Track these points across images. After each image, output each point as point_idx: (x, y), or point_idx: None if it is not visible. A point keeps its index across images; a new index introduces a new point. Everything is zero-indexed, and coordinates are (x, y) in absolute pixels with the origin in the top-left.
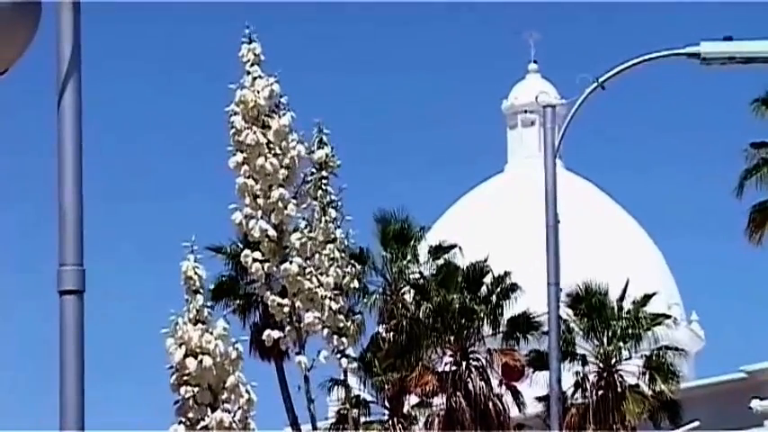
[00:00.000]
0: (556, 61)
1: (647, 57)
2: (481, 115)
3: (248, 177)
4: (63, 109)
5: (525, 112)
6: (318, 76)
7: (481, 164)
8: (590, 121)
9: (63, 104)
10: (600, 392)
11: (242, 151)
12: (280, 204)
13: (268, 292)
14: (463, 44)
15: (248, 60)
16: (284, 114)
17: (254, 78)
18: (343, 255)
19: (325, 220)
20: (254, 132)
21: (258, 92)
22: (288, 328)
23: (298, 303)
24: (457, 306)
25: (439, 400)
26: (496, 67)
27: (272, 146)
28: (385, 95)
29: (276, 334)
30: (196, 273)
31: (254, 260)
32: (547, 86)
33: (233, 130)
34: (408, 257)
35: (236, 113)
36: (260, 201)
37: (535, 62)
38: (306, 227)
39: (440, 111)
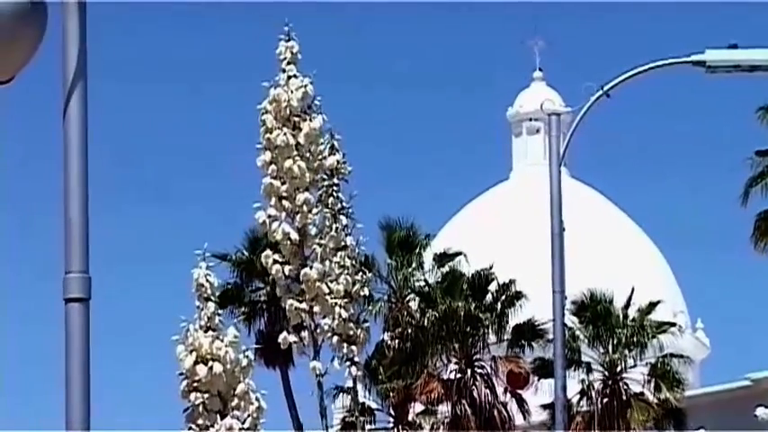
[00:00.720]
0: (561, 69)
1: (652, 65)
2: (486, 123)
3: (275, 178)
4: (69, 117)
5: (530, 119)
6: (322, 84)
7: (486, 171)
8: (595, 129)
9: (69, 113)
10: (605, 400)
11: (271, 151)
12: (304, 208)
13: (286, 296)
14: (468, 52)
15: (285, 58)
16: (315, 117)
17: (289, 77)
18: (353, 262)
19: (336, 228)
20: (285, 134)
21: (292, 92)
22: (304, 333)
23: (316, 308)
24: (462, 314)
25: (444, 408)
26: (501, 74)
27: (301, 148)
28: (390, 103)
29: (292, 338)
30: (208, 280)
31: (275, 262)
32: (552, 94)
33: (263, 128)
34: (413, 265)
35: (267, 111)
36: (285, 203)
37: (540, 70)
38: (317, 234)
39: (445, 118)
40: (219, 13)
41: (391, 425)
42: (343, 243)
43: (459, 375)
